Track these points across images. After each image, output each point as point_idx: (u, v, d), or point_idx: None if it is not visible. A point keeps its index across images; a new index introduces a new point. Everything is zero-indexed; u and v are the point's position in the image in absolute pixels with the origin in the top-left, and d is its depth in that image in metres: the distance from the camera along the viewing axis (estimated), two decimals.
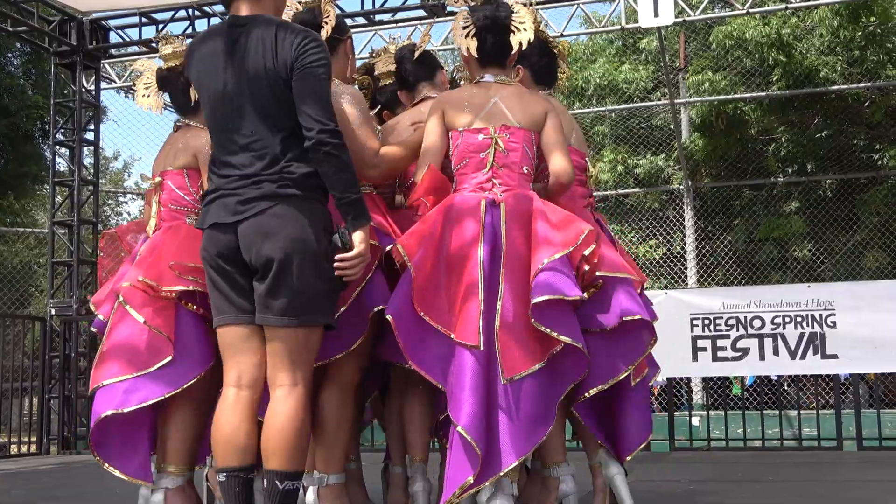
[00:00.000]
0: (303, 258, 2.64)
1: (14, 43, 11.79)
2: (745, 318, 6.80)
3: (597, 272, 3.04)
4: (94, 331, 3.67)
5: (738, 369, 7.27)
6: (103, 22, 9.15)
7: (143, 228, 3.61)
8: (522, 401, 2.82)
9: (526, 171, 3.08)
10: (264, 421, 2.67)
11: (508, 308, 2.85)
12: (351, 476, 3.29)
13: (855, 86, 11.81)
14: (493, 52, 3.15)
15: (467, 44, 3.13)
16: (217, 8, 8.55)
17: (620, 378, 3.04)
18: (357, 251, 2.71)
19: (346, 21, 4.96)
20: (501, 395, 2.81)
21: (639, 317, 3.04)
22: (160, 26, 9.03)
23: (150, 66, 3.67)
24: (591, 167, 3.49)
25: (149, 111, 3.62)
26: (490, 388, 2.81)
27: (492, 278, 2.88)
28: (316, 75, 2.69)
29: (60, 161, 9.98)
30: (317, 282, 2.67)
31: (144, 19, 9.03)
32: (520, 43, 3.13)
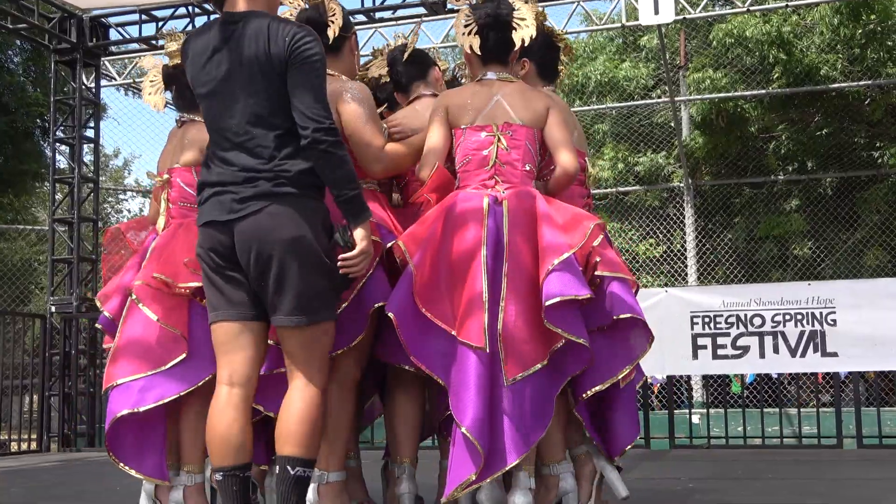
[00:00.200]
0: (303, 257, 2.63)
1: (14, 40, 11.77)
2: (746, 315, 6.78)
3: (596, 272, 3.03)
4: (98, 327, 3.66)
5: (738, 367, 7.23)
6: (103, 19, 9.16)
7: (145, 226, 3.60)
8: (524, 400, 2.83)
9: (528, 168, 3.07)
10: (280, 411, 2.68)
11: (511, 309, 2.85)
12: (351, 474, 3.28)
13: (855, 84, 11.80)
14: (495, 49, 3.14)
15: (469, 41, 3.13)
16: None
17: (620, 377, 3.04)
18: (359, 249, 2.70)
19: (349, 17, 4.95)
20: (504, 396, 2.81)
21: (638, 316, 3.04)
22: (160, 23, 9.04)
23: (156, 63, 3.64)
24: (590, 167, 3.49)
25: (153, 108, 3.61)
26: (493, 388, 2.82)
27: (495, 279, 2.88)
28: (310, 69, 2.65)
29: (60, 158, 10.00)
30: (320, 279, 2.67)
31: (144, 16, 9.04)
32: (522, 40, 3.12)
